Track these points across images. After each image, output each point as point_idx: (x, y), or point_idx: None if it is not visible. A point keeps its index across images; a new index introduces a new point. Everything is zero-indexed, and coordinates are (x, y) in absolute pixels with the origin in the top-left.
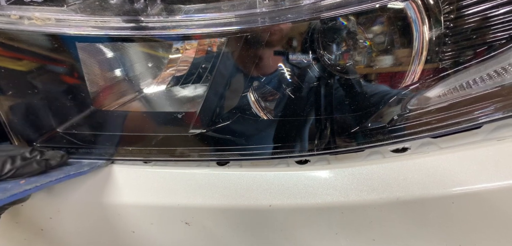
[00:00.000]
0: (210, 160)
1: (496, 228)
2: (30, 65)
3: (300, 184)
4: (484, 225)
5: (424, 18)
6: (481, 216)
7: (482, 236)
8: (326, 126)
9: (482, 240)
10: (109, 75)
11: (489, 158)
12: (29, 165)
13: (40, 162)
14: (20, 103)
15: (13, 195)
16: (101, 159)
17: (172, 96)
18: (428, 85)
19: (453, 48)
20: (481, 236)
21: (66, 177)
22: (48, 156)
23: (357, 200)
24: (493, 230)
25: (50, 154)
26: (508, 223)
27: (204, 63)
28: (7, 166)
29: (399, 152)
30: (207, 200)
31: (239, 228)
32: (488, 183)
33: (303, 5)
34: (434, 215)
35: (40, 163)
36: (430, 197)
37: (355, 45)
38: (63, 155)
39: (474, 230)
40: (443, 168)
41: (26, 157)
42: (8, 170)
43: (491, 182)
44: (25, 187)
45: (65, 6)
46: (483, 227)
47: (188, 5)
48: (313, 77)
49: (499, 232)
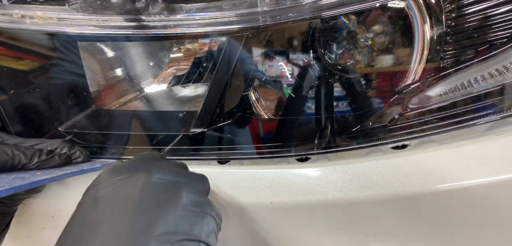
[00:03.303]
0: (211, 159)
1: (497, 222)
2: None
3: (301, 181)
4: (485, 219)
5: (425, 17)
6: (482, 211)
7: (482, 230)
8: (327, 125)
9: (482, 234)
10: (110, 75)
11: (488, 152)
12: (52, 158)
13: (62, 155)
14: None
15: (32, 182)
16: (112, 157)
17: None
18: (429, 84)
19: (454, 47)
20: (482, 230)
21: (80, 171)
22: (72, 152)
23: (358, 196)
24: (493, 224)
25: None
26: (509, 217)
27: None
28: (35, 158)
29: (399, 149)
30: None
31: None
32: (488, 177)
33: (304, 4)
34: (435, 210)
35: (61, 157)
36: (431, 192)
37: (355, 44)
38: (88, 155)
39: (474, 224)
40: (443, 163)
41: (51, 151)
42: (35, 162)
43: (491, 177)
44: (41, 177)
45: (66, 5)
46: (483, 221)
47: (189, 4)
48: (314, 76)
49: (499, 226)
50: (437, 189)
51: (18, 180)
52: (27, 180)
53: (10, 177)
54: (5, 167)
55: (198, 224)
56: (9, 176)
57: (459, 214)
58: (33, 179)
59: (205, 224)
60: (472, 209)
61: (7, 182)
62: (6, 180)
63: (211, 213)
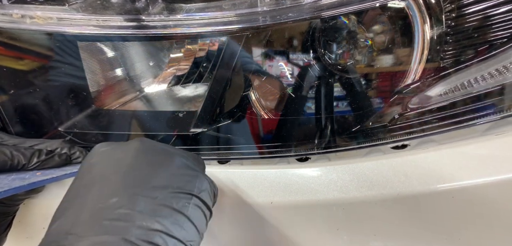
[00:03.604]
0: (211, 158)
1: (496, 222)
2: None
3: (301, 181)
4: (484, 219)
5: (425, 17)
6: (481, 210)
7: (482, 230)
8: (327, 125)
9: (482, 234)
10: (110, 75)
11: (488, 152)
12: (51, 158)
13: (62, 155)
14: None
15: (31, 183)
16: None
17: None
18: (429, 84)
19: (454, 47)
20: (481, 230)
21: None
22: (72, 152)
23: (358, 196)
24: (493, 224)
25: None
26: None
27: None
28: (34, 159)
29: (399, 149)
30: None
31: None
32: (488, 177)
33: (304, 4)
34: (435, 210)
35: (61, 157)
36: (431, 192)
37: (355, 44)
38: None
39: (474, 224)
40: (443, 163)
41: (51, 151)
42: (35, 162)
43: (491, 176)
44: (41, 178)
45: (66, 5)
46: (483, 221)
47: (189, 4)
48: (314, 76)
49: (499, 226)
50: (437, 189)
51: (17, 180)
52: (26, 180)
53: (9, 177)
54: (4, 167)
55: (190, 182)
56: (9, 177)
57: (459, 214)
58: (32, 180)
59: (198, 182)
60: (472, 209)
61: (6, 182)
62: (6, 181)
63: (204, 176)
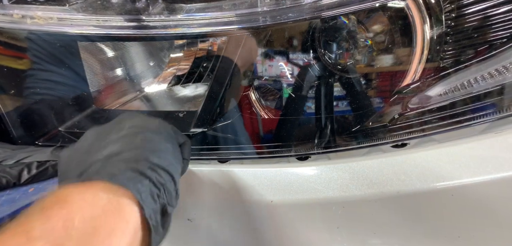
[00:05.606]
0: (211, 158)
1: (496, 221)
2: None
3: (301, 179)
4: (484, 217)
5: (425, 17)
6: (481, 209)
7: (482, 229)
8: (327, 125)
9: (481, 232)
10: (110, 75)
11: (488, 151)
12: (44, 171)
13: (55, 165)
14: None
15: (20, 208)
16: None
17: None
18: (429, 84)
19: (454, 47)
20: (481, 228)
21: None
22: None
23: (358, 195)
24: (492, 222)
25: None
26: (508, 216)
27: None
28: (24, 174)
29: (398, 147)
30: (208, 197)
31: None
32: (487, 176)
33: (304, 4)
34: (434, 208)
35: (55, 167)
36: (430, 190)
37: (355, 44)
38: None
39: (473, 223)
40: (443, 162)
41: (42, 163)
42: (26, 179)
43: (490, 175)
44: (32, 198)
45: (67, 5)
46: (482, 219)
47: (189, 4)
48: (314, 76)
49: (498, 224)
50: (436, 187)
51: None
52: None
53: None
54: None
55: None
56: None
57: (458, 212)
58: (25, 202)
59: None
60: (472, 207)
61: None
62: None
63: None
